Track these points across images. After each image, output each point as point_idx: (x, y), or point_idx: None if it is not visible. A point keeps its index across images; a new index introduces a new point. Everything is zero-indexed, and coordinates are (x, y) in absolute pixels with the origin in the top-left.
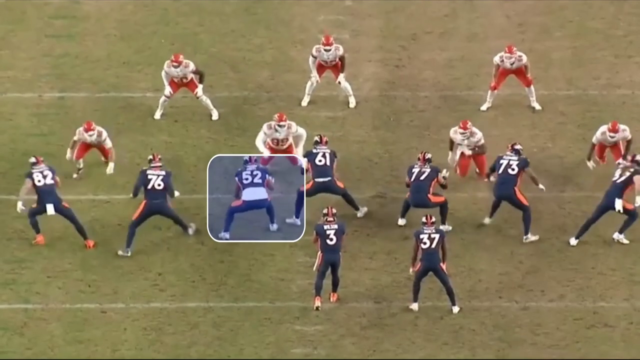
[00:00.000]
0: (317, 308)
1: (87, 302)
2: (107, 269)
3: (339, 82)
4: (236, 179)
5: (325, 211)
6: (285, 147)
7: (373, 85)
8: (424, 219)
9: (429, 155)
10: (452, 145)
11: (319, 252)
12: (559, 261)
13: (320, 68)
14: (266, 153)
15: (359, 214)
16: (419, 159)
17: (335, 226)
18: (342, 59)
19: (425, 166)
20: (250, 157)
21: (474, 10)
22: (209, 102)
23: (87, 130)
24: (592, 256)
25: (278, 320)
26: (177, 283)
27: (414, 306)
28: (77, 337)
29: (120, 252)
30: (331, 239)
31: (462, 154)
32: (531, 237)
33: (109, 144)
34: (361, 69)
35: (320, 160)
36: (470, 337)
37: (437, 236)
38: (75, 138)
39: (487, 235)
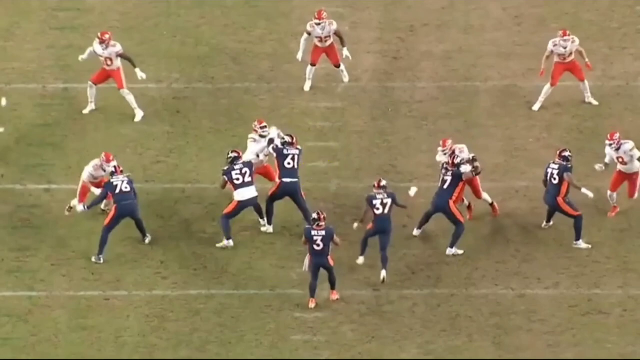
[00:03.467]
0: (313, 308)
1: (91, 290)
2: (111, 258)
3: (340, 64)
4: (225, 178)
5: (315, 216)
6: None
7: (372, 76)
8: (374, 183)
9: (383, 182)
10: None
11: (308, 254)
12: (555, 249)
13: (316, 50)
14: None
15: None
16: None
17: (323, 232)
18: (337, 33)
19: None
20: (238, 152)
21: (471, 2)
22: (132, 99)
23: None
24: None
25: (278, 308)
26: (179, 271)
27: (360, 260)
28: (81, 324)
29: (93, 259)
30: (318, 245)
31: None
32: (582, 245)
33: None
34: (360, 61)
35: (289, 163)
36: (467, 324)
37: (389, 201)
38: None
39: (483, 224)
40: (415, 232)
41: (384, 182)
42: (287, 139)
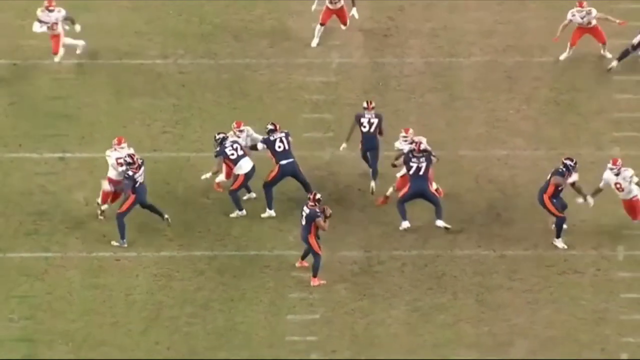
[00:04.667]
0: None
1: (103, 251)
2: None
3: (346, 24)
4: (221, 157)
5: (309, 195)
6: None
7: (363, 52)
8: (364, 104)
9: (373, 104)
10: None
11: None
12: (533, 214)
13: (327, 12)
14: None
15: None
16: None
17: (307, 211)
18: None
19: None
20: (225, 134)
21: None
22: (70, 41)
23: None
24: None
25: (277, 268)
26: (184, 234)
27: (372, 184)
28: (93, 283)
29: (116, 243)
30: (301, 222)
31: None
32: (559, 243)
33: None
34: (352, 38)
35: (279, 146)
36: (452, 283)
37: (376, 121)
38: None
39: (467, 190)
40: (405, 224)
41: (373, 104)
42: (270, 127)
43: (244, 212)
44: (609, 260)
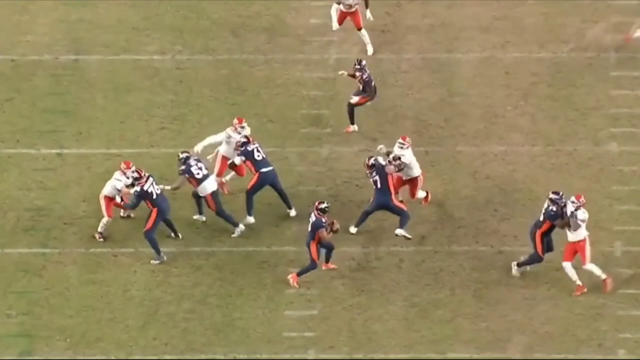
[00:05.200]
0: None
1: (100, 247)
2: (118, 216)
3: (362, 28)
4: (186, 175)
5: (318, 204)
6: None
7: (361, 48)
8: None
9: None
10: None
11: None
12: (531, 209)
13: (341, 15)
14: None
15: (292, 214)
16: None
17: (313, 218)
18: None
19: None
20: (188, 153)
21: None
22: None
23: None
24: None
25: (274, 263)
26: (182, 230)
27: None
28: (90, 279)
29: (156, 262)
30: (308, 228)
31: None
32: (514, 270)
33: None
34: (350, 35)
35: (258, 155)
36: (449, 279)
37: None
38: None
39: (465, 186)
40: (352, 229)
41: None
42: (243, 139)
43: (240, 227)
44: (607, 256)
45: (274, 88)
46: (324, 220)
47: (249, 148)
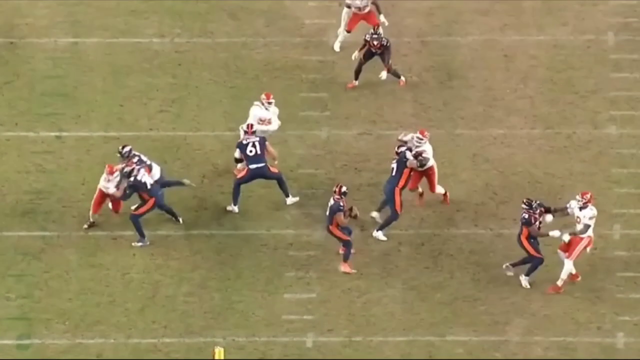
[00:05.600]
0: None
1: (99, 230)
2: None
3: (378, 26)
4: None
5: (335, 188)
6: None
7: (360, 31)
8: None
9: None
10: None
11: None
12: (530, 193)
13: (354, 18)
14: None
15: (288, 202)
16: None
17: (332, 202)
18: (375, 3)
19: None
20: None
21: None
22: None
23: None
24: (560, 187)
25: (273, 246)
26: (181, 213)
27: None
28: (90, 262)
29: (139, 244)
30: (326, 212)
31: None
32: (525, 281)
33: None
34: None
35: (251, 151)
36: (448, 262)
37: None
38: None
39: (464, 169)
40: (374, 214)
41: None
42: (244, 128)
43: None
44: (605, 239)
45: (273, 71)
46: (341, 204)
47: (244, 141)
